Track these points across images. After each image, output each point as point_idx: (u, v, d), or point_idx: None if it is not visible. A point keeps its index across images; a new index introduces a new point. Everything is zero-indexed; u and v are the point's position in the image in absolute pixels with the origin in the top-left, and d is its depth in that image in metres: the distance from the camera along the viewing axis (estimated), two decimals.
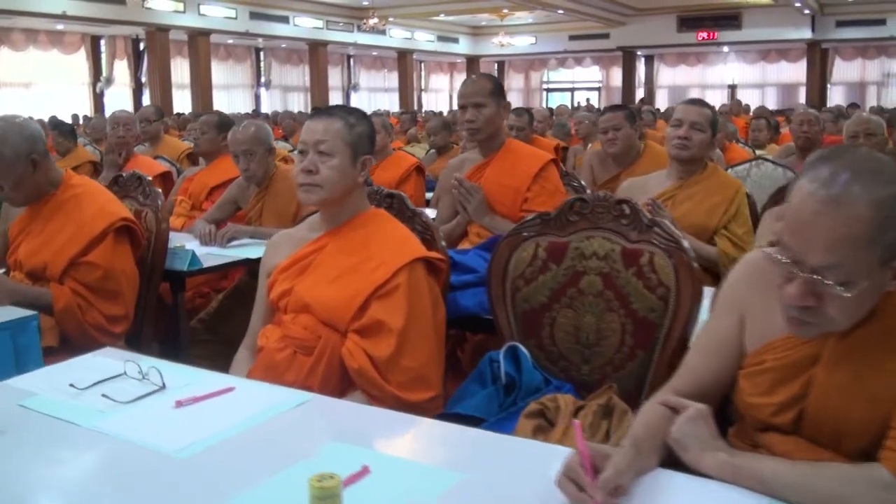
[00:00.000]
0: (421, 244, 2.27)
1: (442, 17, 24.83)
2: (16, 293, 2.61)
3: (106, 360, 2.05)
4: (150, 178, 3.19)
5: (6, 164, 2.65)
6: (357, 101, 26.16)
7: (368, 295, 2.12)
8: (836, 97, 25.08)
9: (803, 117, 5.44)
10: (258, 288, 2.39)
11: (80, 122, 14.40)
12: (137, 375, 1.90)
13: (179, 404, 1.75)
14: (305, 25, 21.49)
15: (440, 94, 30.37)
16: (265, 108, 22.00)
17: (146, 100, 19.80)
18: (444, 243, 2.43)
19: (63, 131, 6.85)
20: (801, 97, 24.87)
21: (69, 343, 2.69)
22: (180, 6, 18.13)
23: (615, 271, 2.31)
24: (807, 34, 23.40)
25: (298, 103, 24.15)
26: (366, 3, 21.45)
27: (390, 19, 22.19)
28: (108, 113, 16.05)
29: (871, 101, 23.95)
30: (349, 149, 2.19)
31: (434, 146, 6.24)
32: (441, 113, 14.51)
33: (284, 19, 20.83)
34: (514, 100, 29.05)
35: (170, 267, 3.08)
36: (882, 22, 22.60)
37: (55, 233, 2.73)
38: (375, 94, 27.65)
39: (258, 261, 3.48)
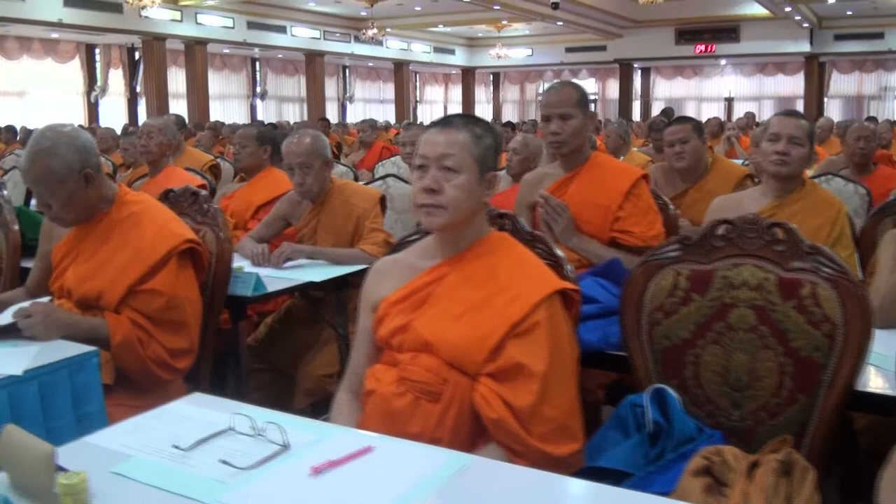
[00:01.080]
0: (553, 273, 1.98)
1: (440, 28, 24.60)
2: (69, 326, 2.31)
3: (200, 410, 1.75)
4: (206, 194, 2.87)
5: (56, 179, 2.36)
6: (352, 112, 25.88)
7: (504, 333, 1.82)
8: (832, 110, 24.97)
9: (860, 132, 5.20)
10: (360, 321, 2.10)
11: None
12: (249, 430, 1.59)
13: (316, 471, 1.44)
14: (303, 35, 21.21)
15: (435, 106, 30.13)
16: (260, 118, 21.66)
17: (141, 109, 19.47)
18: (572, 270, 2.13)
19: None
20: (799, 110, 24.70)
21: (125, 380, 2.39)
22: (177, 15, 17.80)
23: (770, 304, 2.03)
24: (805, 47, 23.31)
25: (294, 114, 23.83)
26: (364, 14, 21.18)
27: (388, 30, 21.91)
28: (102, 123, 15.73)
29: (871, 114, 23.87)
30: (476, 164, 1.91)
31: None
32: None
33: (282, 29, 20.54)
34: (509, 112, 28.93)
35: (231, 292, 2.77)
36: (880, 35, 22.53)
37: (110, 256, 2.43)
38: (370, 105, 27.37)
39: (335, 285, 3.24)
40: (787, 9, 19.69)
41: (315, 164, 3.45)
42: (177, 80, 19.32)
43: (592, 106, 27.67)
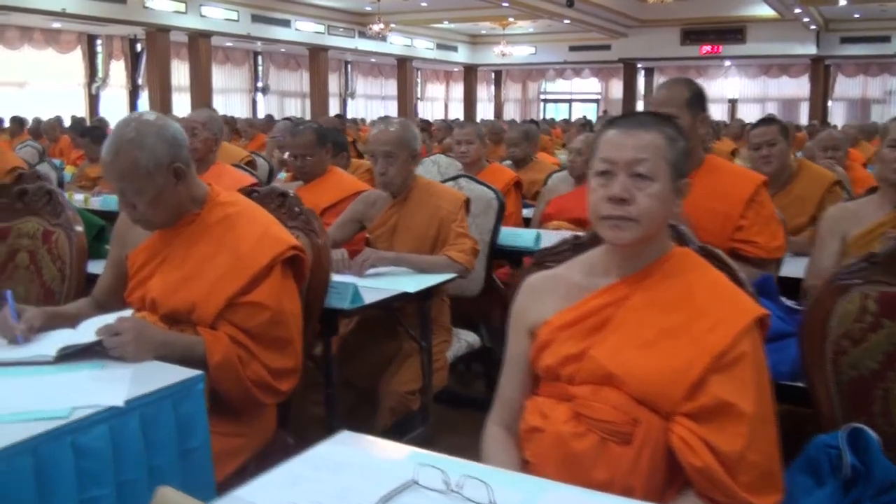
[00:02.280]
0: (747, 296, 1.73)
1: (444, 25, 24.36)
2: (163, 345, 2.03)
3: (359, 454, 1.49)
4: (296, 195, 2.61)
5: (143, 174, 2.10)
6: (354, 108, 25.61)
7: (706, 367, 1.57)
8: (837, 113, 24.86)
9: None
10: (510, 345, 1.84)
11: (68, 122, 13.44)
12: (440, 485, 1.33)
13: None
14: (307, 30, 20.89)
15: (436, 103, 29.87)
16: (261, 114, 21.33)
17: (143, 102, 19.13)
18: (755, 292, 1.87)
19: (94, 137, 6.22)
20: (803, 113, 24.64)
21: (221, 405, 2.12)
22: (181, 7, 17.47)
23: None
24: (811, 50, 23.15)
25: (296, 109, 23.52)
26: (368, 9, 20.92)
27: (392, 25, 21.62)
28: (103, 115, 15.39)
29: (874, 119, 23.76)
30: (671, 170, 1.66)
31: (514, 158, 5.69)
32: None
33: (286, 23, 20.23)
34: (511, 110, 28.71)
35: (326, 305, 2.51)
36: (887, 39, 22.38)
37: (204, 264, 2.16)
38: (372, 102, 27.10)
39: (418, 295, 2.98)
40: (797, 10, 19.53)
41: (400, 154, 3.20)
42: (179, 72, 18.98)
43: (595, 106, 27.61)
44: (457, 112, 28.25)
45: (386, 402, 3.00)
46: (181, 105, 18.27)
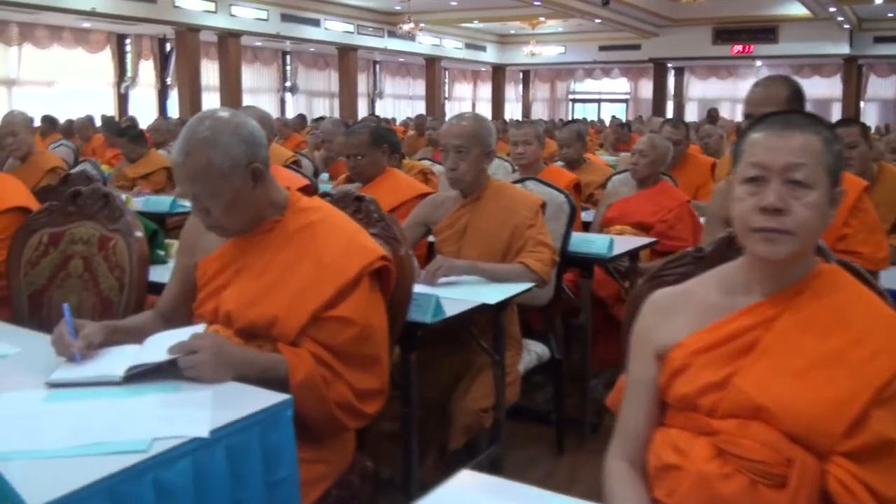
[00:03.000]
0: None
1: (474, 25, 24.16)
2: (243, 364, 1.84)
3: (493, 498, 1.29)
4: (372, 198, 2.41)
5: (217, 176, 1.91)
6: (381, 108, 25.46)
7: (868, 400, 1.39)
8: (869, 114, 24.45)
9: None
10: (632, 370, 1.64)
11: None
12: None
13: None
14: (336, 29, 20.75)
15: (463, 103, 29.64)
16: (290, 114, 21.23)
17: (172, 102, 19.06)
18: None
19: (132, 136, 6.07)
20: (834, 113, 24.24)
21: (301, 428, 1.91)
22: (211, 6, 17.36)
23: None
24: (844, 49, 22.80)
25: (324, 109, 23.39)
26: (398, 8, 20.77)
27: (421, 25, 21.45)
28: (132, 114, 15.31)
29: None
30: (828, 178, 1.47)
31: (566, 159, 5.47)
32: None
33: (315, 22, 20.09)
34: (539, 110, 28.48)
35: (408, 318, 2.31)
36: None
37: (286, 275, 1.97)
38: (400, 102, 26.95)
39: (497, 306, 2.78)
40: (832, 9, 19.20)
41: (473, 150, 3.00)
42: (208, 72, 18.88)
43: (624, 106, 27.32)
44: (484, 112, 28.03)
45: (460, 420, 2.80)
46: (210, 105, 18.18)
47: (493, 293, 2.71)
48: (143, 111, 17.35)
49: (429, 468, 2.91)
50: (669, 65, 26.26)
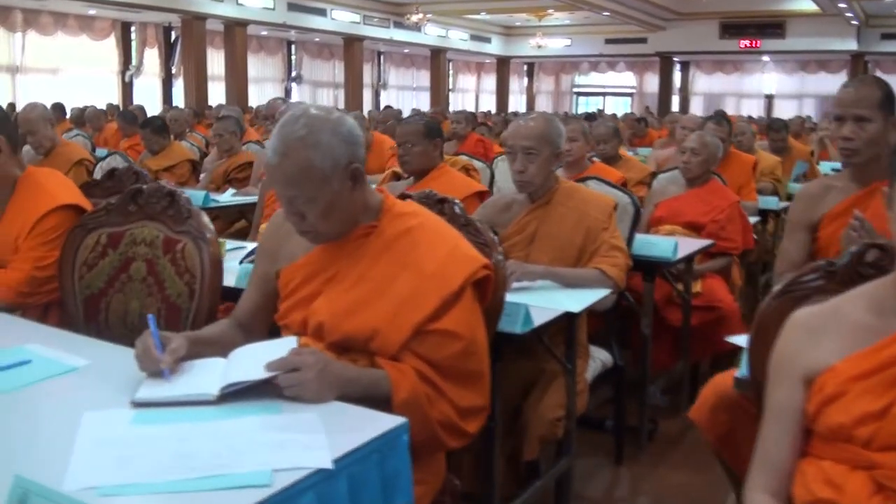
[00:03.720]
0: None
1: (482, 16, 23.97)
2: (349, 382, 1.70)
3: None
4: (457, 200, 2.26)
5: (317, 179, 1.77)
6: (386, 99, 25.27)
7: None
8: None
9: None
10: (775, 395, 1.51)
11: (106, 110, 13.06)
12: None
13: None
14: (342, 19, 20.54)
15: (467, 95, 29.49)
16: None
17: (177, 91, 18.87)
18: None
19: (156, 127, 5.89)
20: None
21: None
22: None
23: None
24: (852, 45, 22.67)
25: (328, 100, 23.21)
26: None
27: (428, 16, 21.26)
28: (137, 103, 15.10)
29: None
30: None
31: (603, 156, 5.31)
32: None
33: (322, 12, 19.89)
34: (543, 103, 28.30)
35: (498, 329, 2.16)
36: None
37: (386, 285, 1.83)
38: (404, 93, 26.75)
39: (580, 315, 2.64)
40: (841, 4, 19.07)
41: (543, 151, 2.86)
42: (212, 61, 18.67)
43: (629, 100, 27.19)
44: (488, 104, 27.86)
45: (534, 430, 2.66)
46: (216, 94, 18.00)
47: (574, 301, 2.57)
48: (148, 100, 17.11)
49: (500, 478, 2.77)
50: (675, 59, 26.11)
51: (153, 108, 12.59)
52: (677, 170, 4.58)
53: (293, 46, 22.80)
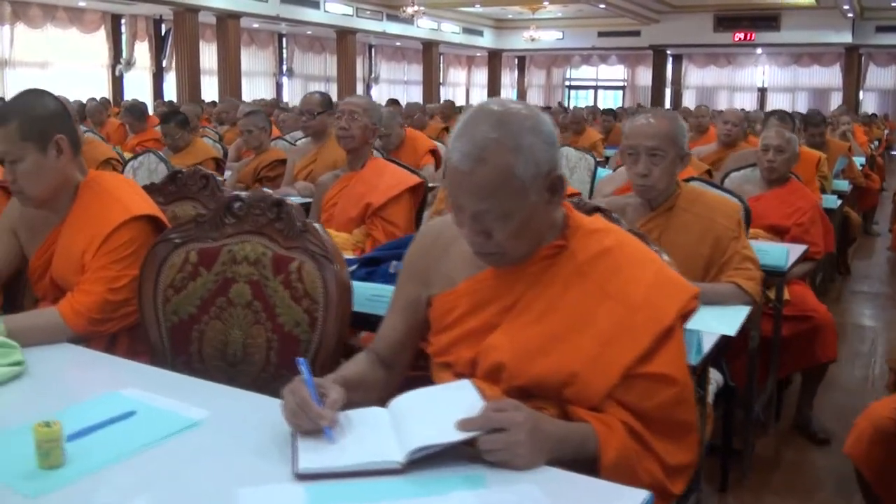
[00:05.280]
0: None
1: (476, 9, 23.63)
2: (558, 442, 1.40)
3: None
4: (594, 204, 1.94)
5: (517, 190, 1.45)
6: (377, 93, 24.87)
7: None
8: (868, 103, 24.28)
9: None
10: None
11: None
12: None
13: None
14: (335, 12, 20.14)
15: (458, 89, 29.14)
16: (286, 98, 20.64)
17: (168, 85, 18.41)
18: None
19: (180, 121, 5.51)
20: (833, 103, 24.01)
21: None
22: None
23: None
24: (847, 38, 22.57)
25: None
26: None
27: (421, 8, 20.88)
28: (128, 98, 14.65)
29: None
30: None
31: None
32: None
33: (315, 4, 19.48)
34: (534, 96, 28.04)
35: None
36: None
37: (582, 318, 1.52)
38: (395, 87, 26.37)
39: (733, 340, 2.33)
40: None
41: (669, 153, 2.55)
42: (204, 55, 18.21)
43: (620, 93, 26.99)
44: (480, 98, 27.53)
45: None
46: (208, 88, 17.55)
47: (723, 322, 2.25)
48: (138, 95, 16.63)
49: None
50: (668, 52, 25.91)
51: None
52: (750, 168, 4.29)
53: (284, 39, 22.36)
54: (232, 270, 1.96)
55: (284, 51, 22.47)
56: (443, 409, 1.39)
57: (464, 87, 29.59)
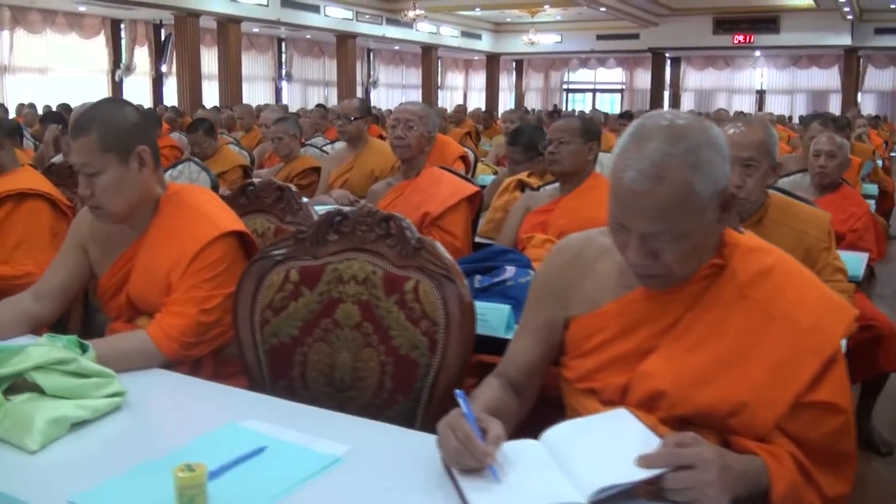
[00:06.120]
0: None
1: (476, 12, 23.56)
2: (740, 477, 1.31)
3: None
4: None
5: (697, 209, 1.37)
6: (376, 97, 24.78)
7: None
8: (866, 105, 24.30)
9: None
10: None
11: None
12: None
13: None
14: (336, 16, 20.05)
15: (455, 92, 29.07)
16: (286, 102, 20.53)
17: (168, 90, 18.27)
18: None
19: (206, 128, 5.40)
20: (832, 105, 24.03)
21: None
22: None
23: None
24: (846, 40, 22.53)
25: (319, 98, 22.69)
26: None
27: (421, 12, 20.80)
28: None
29: None
30: None
31: None
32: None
33: (315, 8, 19.38)
34: (532, 100, 27.98)
35: None
36: None
37: (749, 343, 1.43)
38: (393, 91, 26.28)
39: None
40: None
41: (762, 164, 2.46)
42: (203, 60, 18.09)
43: (619, 96, 26.95)
44: (477, 101, 27.46)
45: None
46: (209, 93, 17.42)
47: None
48: (138, 100, 16.51)
49: None
50: (667, 54, 25.89)
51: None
52: (800, 174, 4.21)
53: (283, 44, 22.25)
54: (338, 290, 1.86)
55: (283, 55, 22.35)
56: (611, 443, 1.30)
57: (461, 90, 29.53)
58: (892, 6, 20.83)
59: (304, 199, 4.60)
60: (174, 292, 2.01)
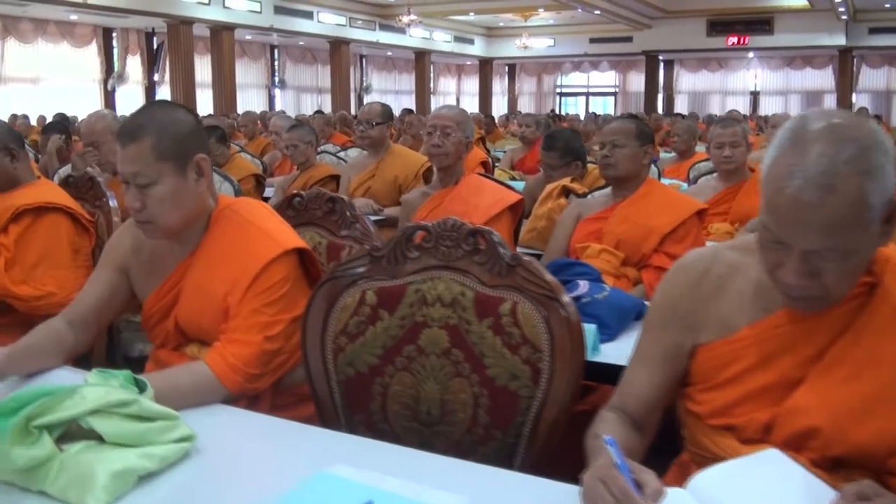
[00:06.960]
0: None
1: (469, 17, 23.41)
2: None
3: None
4: None
5: (866, 221, 1.20)
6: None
7: None
8: (861, 105, 24.25)
9: None
10: None
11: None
12: None
13: None
14: (329, 22, 19.87)
15: (448, 97, 28.89)
16: (279, 109, 20.33)
17: (161, 98, 18.01)
18: None
19: (218, 137, 5.21)
20: (826, 105, 23.96)
21: None
22: None
23: None
24: (841, 40, 22.48)
25: (312, 105, 22.50)
26: (391, 1, 20.01)
27: (415, 17, 20.65)
28: (120, 113, 14.30)
29: None
30: None
31: (678, 151, 4.80)
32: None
33: (308, 15, 19.21)
34: (525, 104, 27.84)
35: None
36: None
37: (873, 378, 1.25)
38: (386, 97, 26.07)
39: None
40: None
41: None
42: (196, 68, 17.87)
43: (612, 99, 26.87)
44: (470, 106, 27.31)
45: None
46: (202, 101, 17.21)
47: None
48: (131, 109, 16.19)
49: None
50: (660, 57, 25.80)
51: None
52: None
53: (276, 51, 22.06)
54: (422, 313, 1.67)
55: (276, 62, 22.15)
56: (772, 492, 1.13)
57: (454, 95, 29.36)
58: (887, 6, 20.80)
59: None
60: (234, 318, 1.81)
